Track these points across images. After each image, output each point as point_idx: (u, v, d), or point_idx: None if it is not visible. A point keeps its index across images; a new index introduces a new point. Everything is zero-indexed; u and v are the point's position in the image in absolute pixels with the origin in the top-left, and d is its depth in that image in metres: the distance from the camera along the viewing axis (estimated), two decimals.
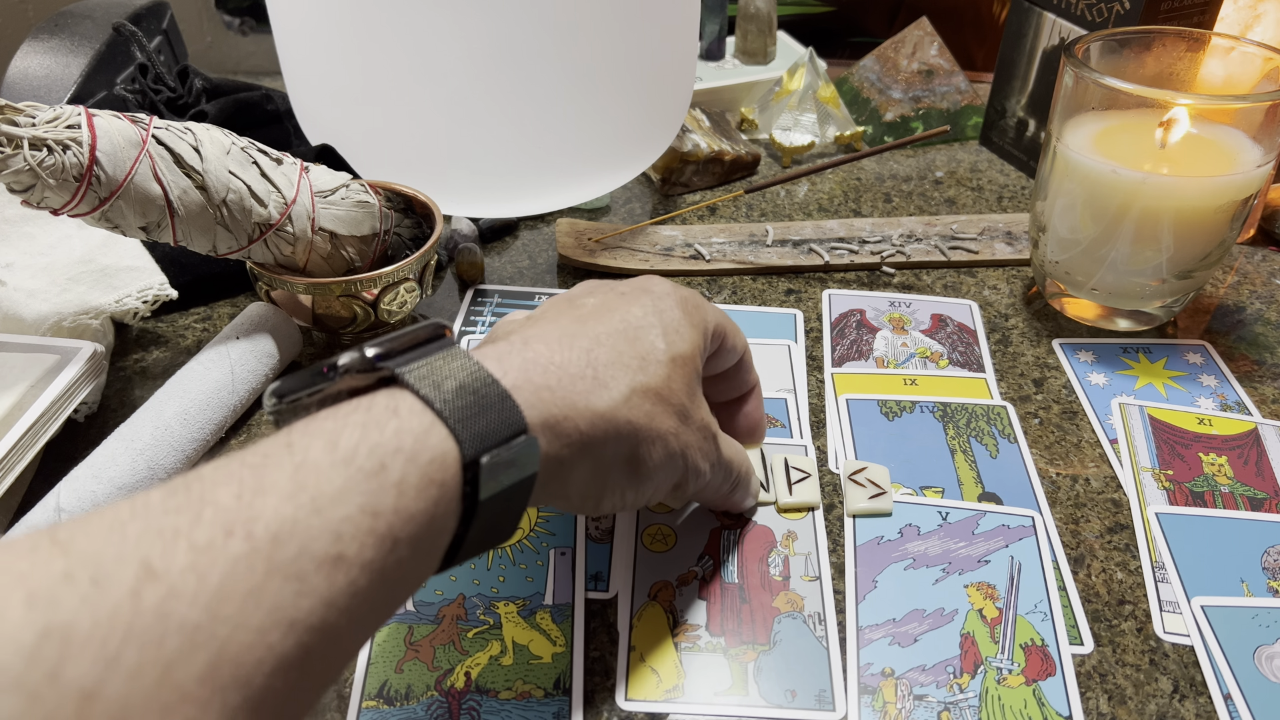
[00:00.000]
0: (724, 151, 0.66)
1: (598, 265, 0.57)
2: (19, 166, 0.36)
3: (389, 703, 0.33)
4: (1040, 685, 0.34)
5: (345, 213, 0.46)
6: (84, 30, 0.65)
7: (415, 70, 0.49)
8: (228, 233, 0.43)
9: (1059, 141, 0.49)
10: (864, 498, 0.41)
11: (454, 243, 0.58)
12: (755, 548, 0.39)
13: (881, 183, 0.68)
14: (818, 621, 0.36)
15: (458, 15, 0.47)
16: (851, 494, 0.41)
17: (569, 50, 0.50)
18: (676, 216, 0.62)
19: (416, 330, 0.28)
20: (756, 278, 0.57)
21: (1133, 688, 0.34)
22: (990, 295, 0.56)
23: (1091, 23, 0.60)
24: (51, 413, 0.40)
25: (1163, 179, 0.46)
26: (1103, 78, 0.45)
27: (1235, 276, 0.57)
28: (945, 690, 0.34)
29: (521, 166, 0.54)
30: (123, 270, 0.50)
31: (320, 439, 0.23)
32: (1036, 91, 0.66)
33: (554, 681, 0.34)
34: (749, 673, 0.34)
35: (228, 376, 0.44)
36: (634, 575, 0.38)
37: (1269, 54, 0.48)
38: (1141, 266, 0.48)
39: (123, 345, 0.51)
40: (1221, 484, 0.43)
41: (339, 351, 0.25)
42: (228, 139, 0.43)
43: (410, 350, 0.27)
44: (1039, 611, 0.37)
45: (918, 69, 0.73)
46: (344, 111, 0.53)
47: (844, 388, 0.48)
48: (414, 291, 0.48)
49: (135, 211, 0.40)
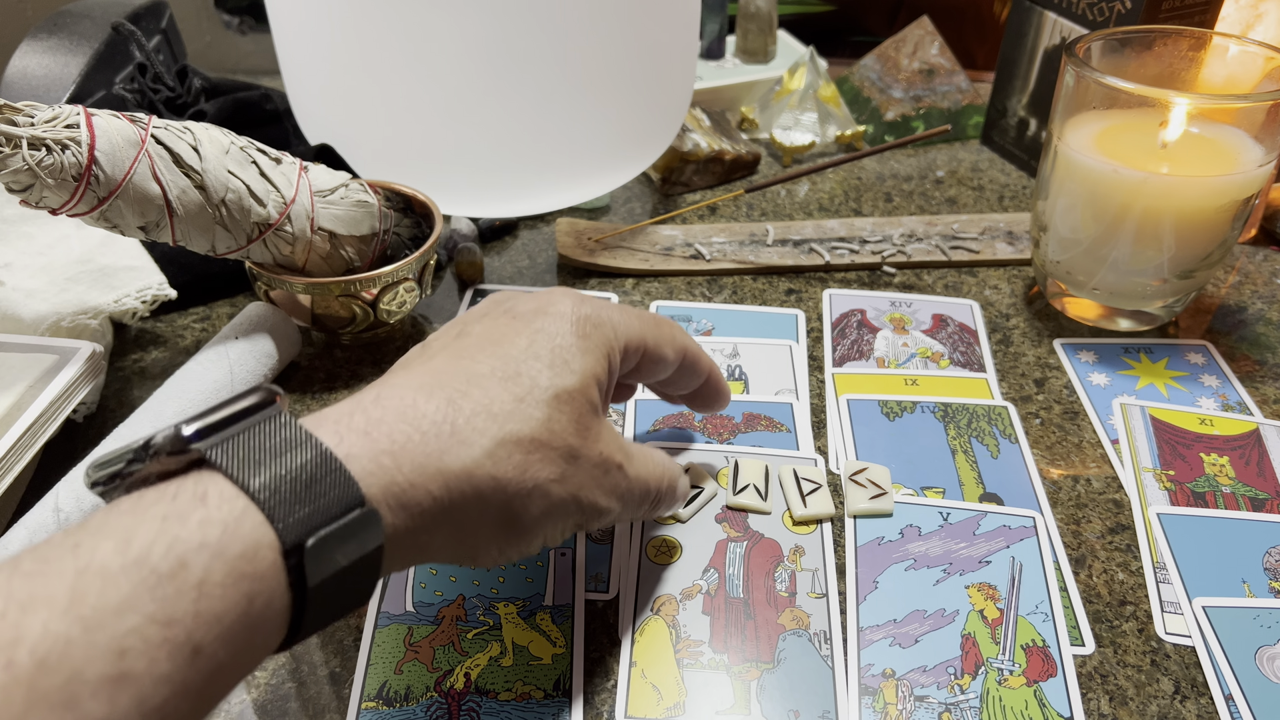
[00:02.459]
0: (724, 151, 0.66)
1: (598, 265, 0.57)
2: (18, 166, 0.36)
3: (388, 704, 0.33)
4: (1041, 686, 0.34)
5: (344, 212, 0.46)
6: (83, 29, 0.64)
7: (415, 70, 0.49)
8: (226, 232, 0.42)
9: (1060, 141, 0.49)
10: (865, 498, 0.41)
11: (453, 242, 0.58)
12: (762, 562, 0.39)
13: (882, 182, 0.68)
14: (823, 640, 0.36)
15: (457, 15, 0.47)
16: (852, 494, 0.41)
17: (569, 50, 0.50)
18: (676, 216, 0.62)
19: (242, 401, 0.25)
20: (757, 277, 0.57)
21: (1134, 688, 0.34)
22: (991, 295, 0.56)
23: (1093, 22, 0.60)
24: (50, 413, 0.40)
25: (1164, 179, 0.46)
26: (1104, 77, 0.45)
27: (1237, 276, 0.57)
28: (946, 691, 0.34)
29: (521, 166, 0.54)
30: (121, 270, 0.50)
31: (111, 539, 0.21)
32: (1038, 91, 0.66)
33: (554, 683, 0.34)
34: (752, 692, 0.34)
35: (226, 376, 0.44)
36: (637, 587, 0.37)
37: (1270, 53, 0.47)
38: (1143, 266, 0.48)
39: (121, 345, 0.51)
40: (1223, 484, 0.42)
41: (179, 426, 0.23)
42: (226, 138, 0.43)
43: (231, 425, 0.24)
44: (1040, 612, 0.37)
45: (919, 68, 0.73)
46: (343, 111, 0.53)
47: (845, 388, 0.48)
48: (413, 291, 0.48)
49: (134, 211, 0.40)
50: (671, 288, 0.56)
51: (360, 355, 0.50)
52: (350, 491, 0.24)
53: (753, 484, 0.41)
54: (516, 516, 0.28)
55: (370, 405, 0.27)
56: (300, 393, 0.48)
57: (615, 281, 0.57)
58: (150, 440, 0.23)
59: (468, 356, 0.29)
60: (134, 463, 0.24)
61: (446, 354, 0.30)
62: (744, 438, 0.45)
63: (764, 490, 0.41)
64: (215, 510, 0.22)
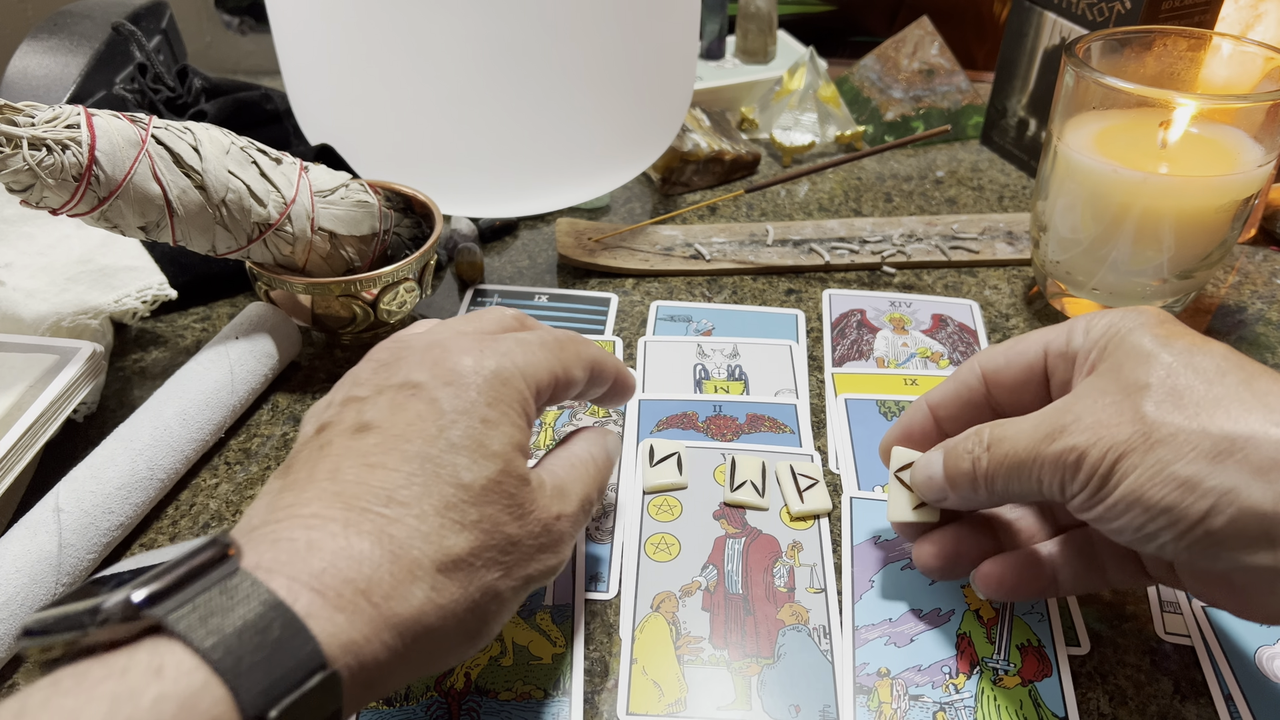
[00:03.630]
0: (724, 151, 0.66)
1: (598, 265, 0.57)
2: (18, 166, 0.36)
3: (388, 703, 0.33)
4: (1036, 686, 0.34)
5: (345, 212, 0.46)
6: (83, 30, 0.64)
7: (415, 70, 0.49)
8: (227, 232, 0.43)
9: (1060, 141, 0.49)
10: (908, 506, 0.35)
11: (454, 242, 0.58)
12: (760, 558, 0.39)
13: (882, 182, 0.68)
14: (822, 635, 0.36)
15: (458, 15, 0.47)
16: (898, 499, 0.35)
17: (569, 50, 0.50)
18: (676, 216, 0.62)
19: (195, 556, 0.23)
20: (757, 277, 0.57)
21: (1133, 688, 0.34)
22: (991, 295, 0.56)
23: (1092, 22, 0.60)
24: (50, 413, 0.40)
25: (1164, 179, 0.46)
26: (1103, 77, 0.45)
27: (1236, 276, 0.57)
28: (941, 690, 0.34)
29: (521, 166, 0.54)
30: (122, 270, 0.50)
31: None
32: (1037, 91, 0.66)
33: (554, 682, 0.34)
34: (752, 687, 0.34)
35: (227, 377, 0.44)
36: (636, 585, 0.38)
37: (1270, 54, 0.47)
38: (1142, 266, 0.48)
39: (122, 345, 0.51)
40: None
41: (121, 580, 0.22)
42: (227, 139, 0.43)
43: (185, 585, 0.22)
44: (1035, 612, 0.37)
45: (918, 68, 0.73)
46: (343, 111, 0.53)
47: (844, 387, 0.48)
48: (413, 291, 0.48)
49: (134, 211, 0.40)
50: (671, 288, 0.56)
51: (360, 355, 0.50)
52: (311, 653, 0.22)
53: (750, 480, 0.42)
54: (470, 630, 0.27)
55: (306, 553, 0.24)
56: (300, 393, 0.48)
57: (615, 281, 0.57)
58: (98, 607, 0.21)
59: (379, 464, 0.27)
60: (77, 631, 0.21)
61: (353, 461, 0.27)
62: (747, 438, 0.45)
63: (761, 487, 0.41)
64: (172, 685, 0.20)
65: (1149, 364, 0.29)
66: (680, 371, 0.49)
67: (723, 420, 0.46)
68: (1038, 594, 0.34)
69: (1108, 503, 0.28)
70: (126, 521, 0.38)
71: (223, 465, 0.44)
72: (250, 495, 0.42)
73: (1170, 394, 0.28)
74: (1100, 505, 0.29)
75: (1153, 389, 0.29)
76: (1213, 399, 0.28)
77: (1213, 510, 0.27)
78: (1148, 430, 0.28)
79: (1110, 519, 0.29)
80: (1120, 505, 0.28)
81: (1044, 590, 0.34)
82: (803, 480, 0.42)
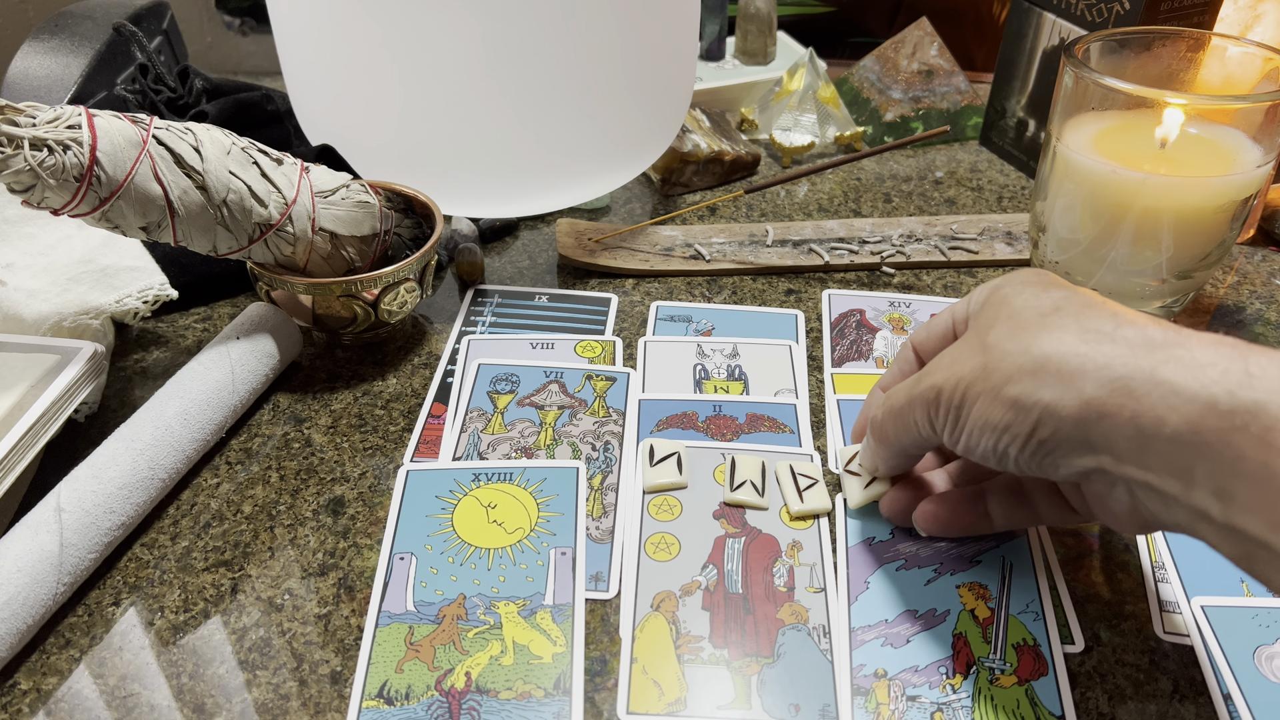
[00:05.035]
0: (724, 151, 0.66)
1: (598, 265, 0.57)
2: (19, 166, 0.36)
3: (389, 703, 0.33)
4: (1033, 685, 0.34)
5: (345, 213, 0.46)
6: (84, 30, 0.65)
7: (415, 70, 0.49)
8: (228, 233, 0.43)
9: (1059, 142, 0.49)
10: (859, 488, 0.41)
11: (454, 243, 0.58)
12: (760, 557, 0.39)
13: (881, 183, 0.68)
14: (822, 634, 0.36)
15: (457, 15, 0.47)
16: (849, 487, 0.41)
17: (569, 50, 0.50)
18: (676, 216, 0.62)
19: None
20: (756, 278, 0.57)
21: (1132, 687, 0.34)
22: None
23: (1091, 23, 0.60)
24: (52, 413, 0.40)
25: (1162, 179, 0.46)
26: (1102, 78, 0.45)
27: (1235, 277, 0.57)
28: (938, 691, 0.34)
29: (521, 166, 0.54)
30: (123, 270, 0.50)
31: None
32: (1036, 92, 0.66)
33: (554, 682, 0.34)
34: (752, 686, 0.34)
35: (228, 377, 0.44)
36: (636, 584, 0.38)
37: (1269, 54, 0.48)
38: (1141, 267, 0.48)
39: (123, 345, 0.51)
40: None
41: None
42: (228, 139, 0.43)
43: None
44: (1031, 611, 0.37)
45: (918, 69, 0.73)
46: (344, 111, 0.53)
47: (843, 388, 0.48)
48: (414, 292, 0.48)
49: (135, 212, 0.40)
50: (671, 288, 0.56)
51: (361, 355, 0.51)
52: None
53: (749, 480, 0.42)
54: None
55: None
56: (301, 393, 0.48)
57: (615, 282, 0.57)
58: None
59: None
60: None
61: None
62: (747, 438, 0.45)
63: (761, 486, 0.41)
64: None
65: (1002, 308, 0.33)
66: (680, 371, 0.49)
67: (722, 420, 0.46)
68: (972, 528, 0.38)
69: (965, 430, 0.32)
70: (128, 521, 0.38)
71: (224, 465, 0.44)
72: (250, 495, 0.42)
73: (1010, 327, 0.31)
74: (961, 434, 0.32)
75: (997, 325, 0.32)
76: (1042, 326, 0.31)
77: (1039, 423, 0.29)
78: (987, 360, 0.31)
79: (973, 446, 0.32)
80: (975, 431, 0.31)
81: (978, 524, 0.38)
82: (802, 480, 0.42)
